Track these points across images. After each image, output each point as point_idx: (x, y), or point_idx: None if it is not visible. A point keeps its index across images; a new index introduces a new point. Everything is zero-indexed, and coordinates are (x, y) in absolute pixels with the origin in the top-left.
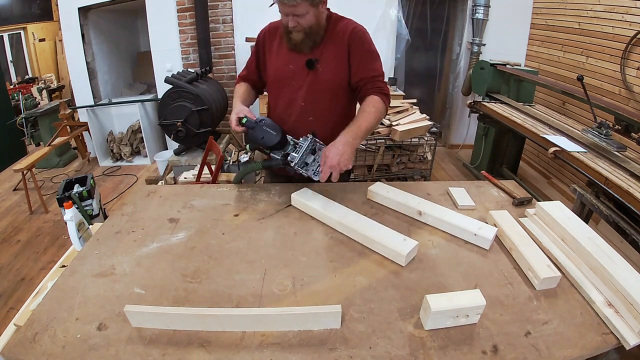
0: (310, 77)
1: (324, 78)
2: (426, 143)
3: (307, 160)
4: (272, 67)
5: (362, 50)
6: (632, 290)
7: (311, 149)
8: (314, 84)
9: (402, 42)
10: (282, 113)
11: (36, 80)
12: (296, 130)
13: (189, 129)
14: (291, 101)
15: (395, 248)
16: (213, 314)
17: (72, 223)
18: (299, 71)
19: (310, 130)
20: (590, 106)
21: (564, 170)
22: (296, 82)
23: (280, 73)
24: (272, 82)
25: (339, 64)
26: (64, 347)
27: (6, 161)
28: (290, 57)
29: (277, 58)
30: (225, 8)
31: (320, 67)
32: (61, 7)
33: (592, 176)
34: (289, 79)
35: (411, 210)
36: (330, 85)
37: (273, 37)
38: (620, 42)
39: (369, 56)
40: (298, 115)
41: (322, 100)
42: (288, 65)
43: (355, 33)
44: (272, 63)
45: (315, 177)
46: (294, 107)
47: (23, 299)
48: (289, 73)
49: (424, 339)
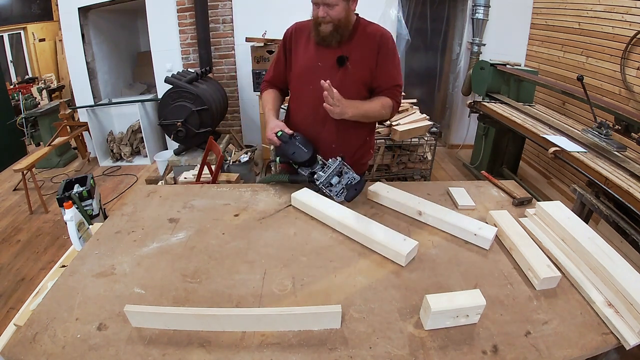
0: (340, 75)
1: (354, 77)
2: (426, 143)
3: (332, 181)
4: (298, 63)
5: (388, 57)
6: (632, 290)
7: (338, 171)
8: (343, 81)
9: (402, 42)
10: (308, 110)
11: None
12: (322, 128)
13: (189, 129)
14: (319, 98)
15: (395, 248)
16: (213, 314)
17: (72, 223)
18: (329, 68)
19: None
20: (590, 106)
21: (564, 170)
22: (325, 78)
23: (308, 68)
24: (298, 78)
25: (367, 65)
26: (64, 347)
27: (6, 161)
28: (319, 53)
29: (305, 54)
30: (225, 8)
31: (350, 64)
32: (61, 7)
33: (592, 176)
34: (317, 75)
35: (411, 210)
36: (359, 84)
37: (300, 35)
38: (620, 42)
39: (392, 64)
40: (325, 114)
41: (350, 99)
42: (316, 62)
43: (387, 38)
44: (299, 59)
45: (338, 198)
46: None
47: (23, 299)
48: (318, 69)
49: (424, 339)
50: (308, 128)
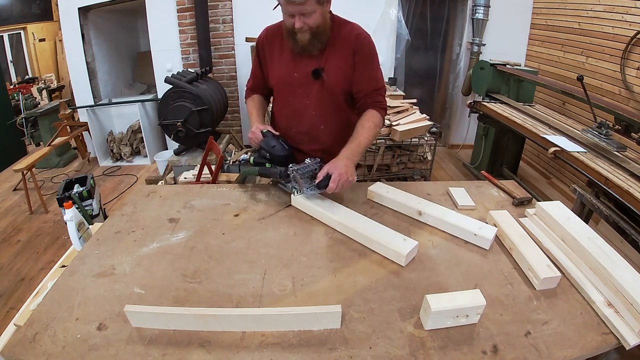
0: (318, 86)
1: (332, 87)
2: (426, 143)
3: (302, 177)
4: (275, 73)
5: (366, 60)
6: (632, 290)
7: (312, 172)
8: (322, 92)
9: (402, 42)
10: (291, 120)
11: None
12: (306, 138)
13: (189, 129)
14: (300, 110)
15: (395, 248)
16: (213, 314)
17: (72, 223)
18: (305, 80)
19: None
20: (590, 106)
21: (564, 170)
22: (302, 90)
23: (285, 80)
24: (276, 88)
25: (344, 72)
26: (64, 347)
27: (6, 161)
28: (295, 63)
29: (280, 64)
30: (225, 8)
31: (327, 75)
32: (61, 7)
33: (592, 176)
34: (294, 86)
35: (411, 210)
36: (338, 93)
37: (273, 42)
38: (620, 42)
39: (371, 67)
40: (309, 124)
41: (333, 108)
42: (293, 73)
43: (361, 40)
44: (275, 69)
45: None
46: (305, 116)
47: (23, 299)
48: (295, 81)
49: (424, 339)
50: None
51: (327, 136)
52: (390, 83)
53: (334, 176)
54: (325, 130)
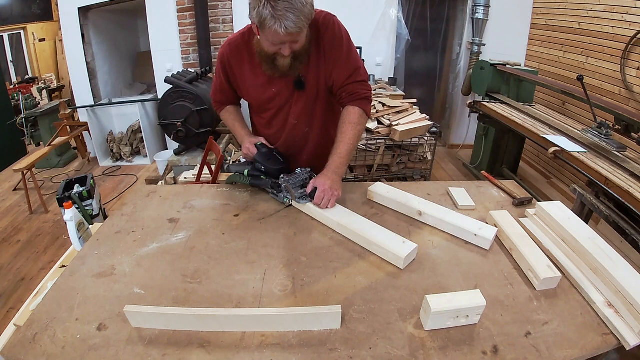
0: (299, 95)
1: (311, 90)
2: (426, 143)
3: (293, 187)
4: (249, 91)
5: (333, 46)
6: (632, 290)
7: (303, 182)
8: (301, 98)
9: (402, 42)
10: (272, 131)
11: (36, 80)
12: (292, 144)
13: (189, 129)
14: (281, 120)
15: (394, 250)
16: (213, 314)
17: (72, 223)
18: (284, 92)
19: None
20: (590, 106)
21: (564, 170)
22: (281, 101)
23: (263, 97)
24: (253, 105)
25: (320, 68)
26: (64, 348)
27: (6, 161)
28: (271, 80)
29: (254, 81)
30: (225, 8)
31: (306, 80)
32: (61, 7)
33: (592, 176)
34: (274, 101)
35: (411, 211)
36: (319, 93)
37: (239, 57)
38: (620, 42)
39: (340, 52)
40: (291, 132)
41: (314, 110)
42: (270, 89)
43: (327, 26)
44: (248, 86)
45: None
46: (286, 125)
47: (23, 299)
48: (272, 95)
49: (424, 339)
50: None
51: (314, 135)
52: (390, 83)
53: (318, 192)
54: (310, 130)
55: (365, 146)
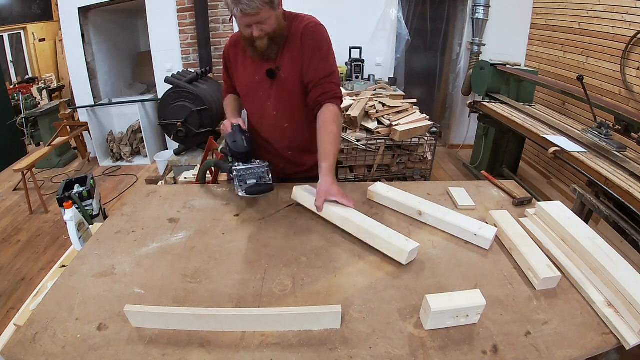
0: (275, 86)
1: (289, 84)
2: (426, 143)
3: (247, 179)
4: (239, 79)
5: (312, 49)
6: (632, 290)
7: (259, 174)
8: (280, 91)
9: (402, 42)
10: (257, 123)
11: (36, 80)
12: (273, 138)
13: (189, 129)
14: (263, 112)
15: (398, 245)
16: (213, 314)
17: (72, 223)
18: (263, 81)
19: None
20: (590, 106)
21: (564, 170)
22: (263, 92)
23: (248, 85)
24: (242, 94)
25: (297, 66)
26: (64, 347)
27: (6, 161)
28: (255, 68)
29: (244, 70)
30: (225, 8)
31: (283, 73)
32: (61, 7)
33: (592, 176)
34: (256, 90)
35: (411, 211)
36: (297, 89)
37: (237, 50)
38: (620, 42)
39: (318, 55)
40: (272, 125)
41: (293, 106)
42: (254, 77)
43: (308, 30)
44: (239, 75)
45: (239, 191)
46: (267, 117)
47: (23, 299)
48: (255, 84)
49: (424, 339)
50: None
51: (294, 133)
52: (390, 83)
53: (318, 197)
54: (290, 127)
55: (365, 146)
